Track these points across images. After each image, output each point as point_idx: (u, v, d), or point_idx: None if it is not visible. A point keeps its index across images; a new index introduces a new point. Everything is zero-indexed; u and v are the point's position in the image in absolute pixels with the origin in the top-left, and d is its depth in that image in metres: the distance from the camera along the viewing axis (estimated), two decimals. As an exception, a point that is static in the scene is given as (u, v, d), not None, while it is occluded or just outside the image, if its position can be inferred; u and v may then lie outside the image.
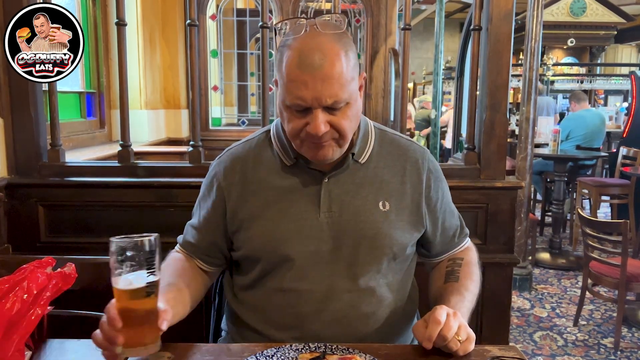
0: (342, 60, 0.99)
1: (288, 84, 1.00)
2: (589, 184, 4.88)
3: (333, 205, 1.10)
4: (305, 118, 1.01)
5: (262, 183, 1.13)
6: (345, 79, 1.00)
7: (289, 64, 0.99)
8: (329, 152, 1.05)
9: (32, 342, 0.97)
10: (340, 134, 1.03)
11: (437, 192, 1.19)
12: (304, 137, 1.03)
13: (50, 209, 1.80)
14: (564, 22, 9.64)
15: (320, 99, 0.98)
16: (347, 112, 1.02)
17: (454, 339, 0.93)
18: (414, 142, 1.22)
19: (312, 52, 0.98)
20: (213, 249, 1.19)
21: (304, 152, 1.06)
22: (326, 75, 0.97)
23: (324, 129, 1.00)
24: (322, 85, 0.97)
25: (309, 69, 0.97)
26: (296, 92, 0.98)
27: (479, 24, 1.84)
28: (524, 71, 3.65)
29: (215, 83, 4.66)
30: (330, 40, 1.00)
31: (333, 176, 1.12)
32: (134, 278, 0.86)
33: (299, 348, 0.95)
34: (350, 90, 1.01)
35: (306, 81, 0.97)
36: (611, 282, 2.97)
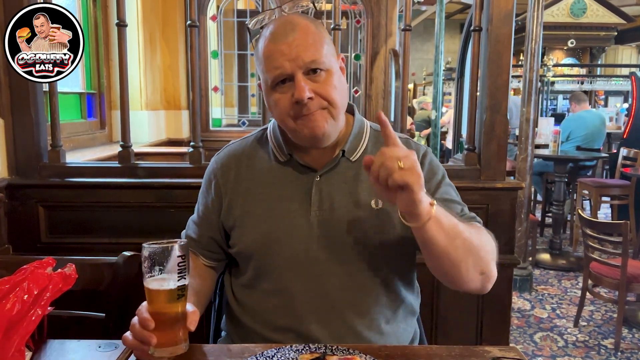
0: (313, 29, 1.04)
1: (266, 61, 1.03)
2: (589, 184, 4.88)
3: (324, 204, 1.10)
4: (290, 91, 1.02)
5: (255, 180, 1.15)
6: (319, 43, 1.03)
7: (264, 44, 1.04)
8: (323, 124, 1.04)
9: (32, 342, 0.97)
10: (329, 101, 1.04)
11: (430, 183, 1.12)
12: (294, 113, 1.03)
13: (50, 209, 1.80)
14: (564, 23, 9.65)
15: (297, 60, 1.00)
16: (330, 80, 1.04)
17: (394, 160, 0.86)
18: (413, 141, 1.20)
19: (283, 26, 1.03)
20: (213, 244, 1.20)
21: (299, 132, 1.05)
22: (300, 40, 1.01)
23: (307, 93, 1.00)
24: (297, 49, 1.00)
25: (281, 38, 1.01)
26: (274, 63, 1.01)
27: (479, 24, 1.84)
28: (524, 72, 3.66)
29: (215, 84, 4.65)
30: (298, 16, 1.07)
31: (325, 174, 1.12)
32: (165, 282, 0.90)
33: (299, 349, 0.95)
34: (327, 57, 1.04)
35: (281, 50, 1.01)
36: (611, 283, 2.96)
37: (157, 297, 0.90)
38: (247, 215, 1.13)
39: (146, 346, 0.89)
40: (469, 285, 1.04)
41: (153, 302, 0.91)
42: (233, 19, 4.81)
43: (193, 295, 1.04)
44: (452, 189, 1.17)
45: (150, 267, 0.90)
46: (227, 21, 4.71)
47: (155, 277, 0.90)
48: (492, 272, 1.06)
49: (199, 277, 1.16)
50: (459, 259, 0.99)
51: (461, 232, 0.98)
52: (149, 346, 0.89)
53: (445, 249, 0.96)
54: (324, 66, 1.03)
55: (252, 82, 5.25)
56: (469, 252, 1.00)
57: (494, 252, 1.07)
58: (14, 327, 0.90)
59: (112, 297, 1.26)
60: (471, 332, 1.86)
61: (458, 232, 0.97)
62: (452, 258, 0.98)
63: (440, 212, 0.94)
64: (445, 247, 0.96)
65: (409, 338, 1.19)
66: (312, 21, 1.06)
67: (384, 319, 1.13)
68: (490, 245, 1.06)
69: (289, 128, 1.07)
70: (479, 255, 1.02)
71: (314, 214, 1.10)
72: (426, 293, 1.24)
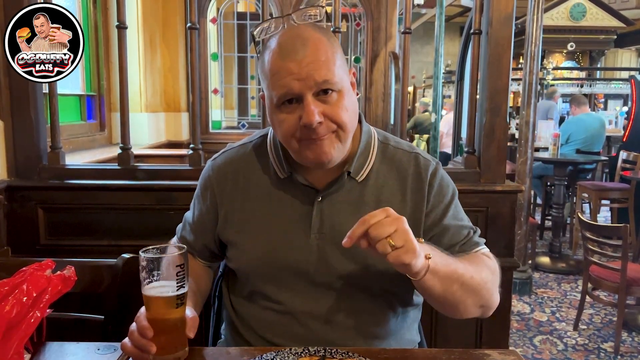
0: (325, 44, 0.95)
1: (272, 77, 0.94)
2: (589, 187, 4.88)
3: (324, 227, 1.04)
4: (296, 112, 0.95)
5: (252, 193, 1.09)
6: (332, 61, 0.94)
7: (271, 59, 0.95)
8: (330, 150, 0.97)
9: (31, 345, 0.97)
10: (338, 125, 0.96)
11: (439, 207, 1.08)
12: (300, 136, 0.96)
13: (50, 211, 1.80)
14: (563, 26, 9.67)
15: (307, 80, 0.92)
16: (340, 102, 0.96)
17: (383, 241, 0.83)
18: (420, 153, 1.12)
19: (292, 40, 0.94)
20: (206, 251, 1.18)
21: (303, 156, 0.99)
22: (310, 58, 0.92)
23: (317, 117, 0.93)
24: (307, 69, 0.92)
25: (290, 56, 0.92)
26: (282, 81, 0.93)
27: (479, 27, 1.84)
28: (524, 75, 3.66)
29: (215, 86, 4.66)
30: (310, 28, 0.97)
31: (327, 195, 1.05)
32: (164, 290, 0.88)
33: (299, 352, 0.95)
34: (339, 75, 0.95)
35: (290, 69, 0.92)
36: (611, 286, 2.96)
37: (156, 305, 0.89)
38: (244, 233, 1.08)
39: (145, 354, 0.88)
40: (468, 316, 1.05)
41: (151, 309, 0.90)
42: (233, 21, 4.82)
43: (190, 295, 1.02)
44: (460, 210, 1.13)
45: (148, 275, 0.88)
46: (227, 24, 4.72)
47: (154, 285, 0.89)
48: (493, 303, 1.07)
49: (196, 277, 1.14)
50: (457, 301, 0.99)
51: (460, 277, 0.97)
52: (148, 354, 0.88)
53: (443, 294, 0.96)
54: (335, 87, 0.95)
55: (251, 85, 5.25)
56: (468, 293, 0.99)
57: (495, 283, 1.06)
58: (12, 329, 0.90)
59: (111, 300, 1.26)
60: (471, 336, 1.85)
61: (457, 277, 0.96)
62: (450, 301, 0.99)
63: (437, 262, 0.92)
64: (442, 293, 0.96)
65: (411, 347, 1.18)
66: (324, 34, 0.97)
67: (387, 337, 1.10)
68: (491, 279, 1.05)
69: (293, 150, 1.00)
70: (479, 294, 1.02)
71: (314, 236, 1.05)
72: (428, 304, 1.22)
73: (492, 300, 1.05)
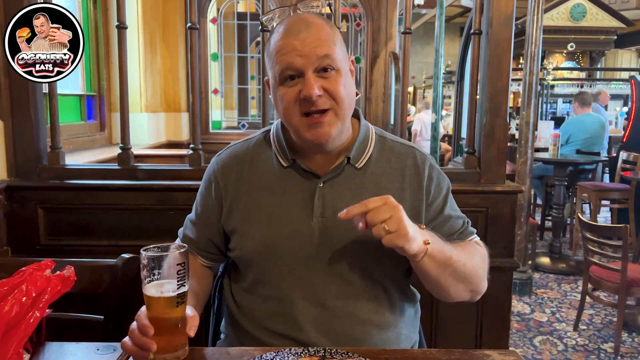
0: (327, 28, 1.03)
1: (277, 54, 1.02)
2: (589, 188, 4.88)
3: (326, 211, 1.08)
4: (297, 86, 1.01)
5: (257, 184, 1.13)
6: (333, 42, 1.02)
7: (277, 39, 1.03)
8: (329, 130, 1.03)
9: (30, 345, 0.97)
10: (336, 100, 1.02)
11: (437, 199, 1.15)
12: (300, 110, 1.02)
13: (49, 211, 1.80)
14: (564, 26, 9.68)
15: (309, 56, 0.99)
16: (339, 79, 1.02)
17: (378, 226, 0.91)
18: (416, 148, 1.19)
19: (298, 23, 1.03)
20: (211, 246, 1.20)
21: (303, 133, 1.04)
22: (314, 37, 1.00)
23: (317, 90, 0.99)
24: (310, 46, 1.00)
25: (295, 35, 1.01)
26: (285, 57, 1.00)
27: (479, 28, 1.84)
28: (524, 75, 3.66)
29: (215, 86, 4.66)
30: (314, 15, 1.06)
31: (328, 181, 1.10)
32: (164, 289, 0.89)
33: (298, 352, 0.95)
34: (339, 56, 1.03)
35: (293, 45, 1.00)
36: (611, 287, 2.96)
37: (156, 303, 0.89)
38: (248, 220, 1.11)
39: (146, 352, 0.88)
40: (457, 299, 1.12)
41: (152, 308, 0.90)
42: (233, 21, 4.82)
43: (191, 296, 1.03)
44: (454, 201, 1.20)
45: (148, 273, 0.89)
46: (227, 24, 4.72)
47: (154, 283, 0.89)
48: (482, 288, 1.13)
49: (197, 278, 1.15)
50: (448, 285, 1.07)
51: (454, 263, 1.04)
52: (149, 352, 0.88)
53: (437, 278, 1.04)
54: (334, 64, 1.02)
55: (252, 85, 5.26)
56: (460, 279, 1.07)
57: (485, 270, 1.13)
58: (12, 329, 0.90)
59: (111, 300, 1.26)
60: (471, 336, 1.85)
61: (451, 263, 1.03)
62: (443, 285, 1.06)
63: (434, 247, 0.99)
64: (437, 277, 1.04)
65: (410, 343, 1.19)
66: (326, 21, 1.06)
67: (384, 328, 1.12)
68: (482, 266, 1.12)
69: (293, 125, 1.05)
70: (470, 280, 1.09)
71: (316, 220, 1.08)
72: (426, 296, 1.23)
73: (481, 286, 1.12)
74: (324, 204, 1.09)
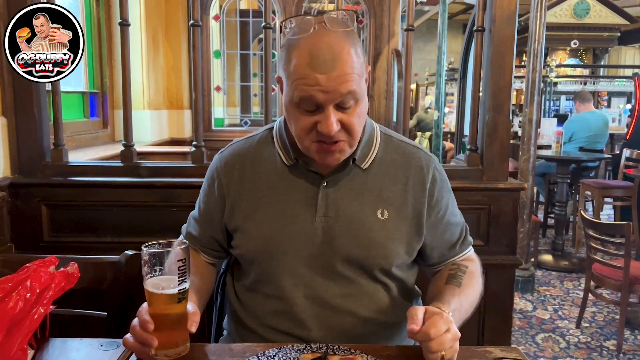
0: (352, 57, 0.97)
1: (298, 82, 0.96)
2: (592, 185, 4.87)
3: (329, 210, 1.08)
4: (315, 116, 0.98)
5: (260, 182, 1.12)
6: (357, 74, 0.97)
7: (299, 64, 0.96)
8: (339, 157, 1.03)
9: (34, 341, 0.97)
10: (350, 133, 1.00)
11: (441, 203, 1.14)
12: (314, 138, 1.00)
13: (53, 208, 1.81)
14: (567, 23, 9.63)
15: (333, 93, 0.95)
16: (356, 110, 1.00)
17: (437, 354, 0.89)
18: (421, 148, 1.18)
19: (323, 51, 0.95)
20: (214, 243, 1.20)
21: (312, 154, 1.03)
22: (338, 73, 0.95)
23: (336, 127, 0.97)
24: (334, 83, 0.95)
25: (320, 68, 0.94)
26: (308, 90, 0.95)
27: (482, 25, 1.84)
28: (527, 73, 3.65)
29: (218, 83, 4.66)
30: (339, 37, 0.97)
31: (332, 180, 1.09)
32: (165, 285, 0.89)
33: (301, 348, 0.95)
34: (360, 87, 0.99)
35: (318, 80, 0.94)
36: (614, 285, 2.96)
37: (157, 300, 0.90)
38: (251, 219, 1.11)
39: (147, 348, 0.89)
40: None
41: (153, 304, 0.90)
42: (236, 18, 4.82)
43: (194, 293, 1.04)
44: (455, 202, 1.21)
45: (150, 269, 0.90)
46: (230, 21, 4.72)
47: (155, 280, 0.90)
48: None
49: (200, 275, 1.15)
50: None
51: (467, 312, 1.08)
52: (150, 348, 0.89)
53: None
54: (355, 98, 0.98)
55: (254, 82, 5.25)
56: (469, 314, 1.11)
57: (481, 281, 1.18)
58: (16, 325, 0.90)
59: (114, 296, 1.26)
60: (473, 333, 1.85)
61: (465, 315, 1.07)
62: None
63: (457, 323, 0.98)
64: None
65: (411, 343, 1.19)
66: (352, 42, 0.98)
67: (386, 327, 1.13)
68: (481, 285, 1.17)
69: (303, 145, 1.04)
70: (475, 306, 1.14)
71: (319, 220, 1.08)
72: (425, 291, 1.23)
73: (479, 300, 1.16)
74: (327, 204, 1.08)
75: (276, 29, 4.54)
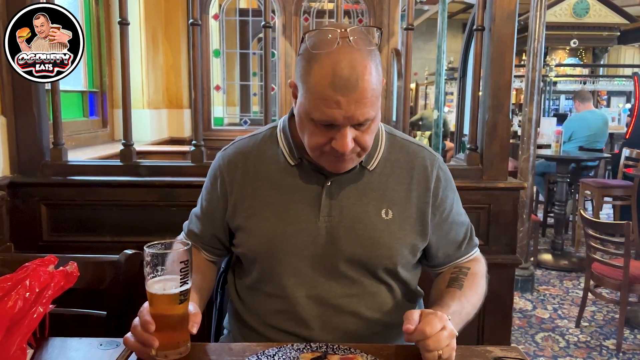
0: (373, 78, 0.96)
1: (318, 100, 0.95)
2: (592, 185, 4.87)
3: (333, 210, 1.08)
4: (330, 132, 0.97)
5: (264, 181, 1.11)
6: (376, 95, 0.97)
7: (321, 82, 0.94)
8: (348, 166, 1.04)
9: (34, 340, 0.97)
10: (363, 149, 1.02)
11: (445, 202, 1.14)
12: (326, 151, 1.00)
13: (52, 207, 1.81)
14: (566, 23, 9.62)
15: (352, 118, 0.95)
16: (371, 127, 1.01)
17: (434, 353, 0.89)
18: (425, 147, 1.18)
19: (345, 71, 0.93)
20: (215, 241, 1.19)
21: (323, 163, 1.04)
22: (360, 95, 0.94)
23: (351, 145, 0.97)
24: (355, 106, 0.94)
25: (342, 91, 0.93)
26: (328, 110, 0.94)
27: (482, 24, 1.84)
28: (527, 72, 3.65)
29: (217, 83, 4.66)
30: (363, 57, 0.95)
31: (336, 180, 1.09)
32: (167, 286, 0.89)
33: (301, 348, 0.95)
34: (377, 106, 0.99)
35: (339, 101, 0.93)
36: (613, 284, 2.96)
37: (159, 300, 0.90)
38: (254, 218, 1.10)
39: (148, 348, 0.89)
40: None
41: (154, 305, 0.90)
42: (235, 18, 4.82)
43: (195, 292, 1.03)
44: (459, 202, 1.21)
45: (152, 270, 0.89)
46: (230, 20, 4.72)
47: (157, 280, 0.89)
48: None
49: (201, 273, 1.15)
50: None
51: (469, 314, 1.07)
52: (151, 348, 0.89)
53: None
54: (371, 119, 0.99)
55: (253, 82, 5.25)
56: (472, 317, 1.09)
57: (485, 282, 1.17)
58: (15, 324, 0.90)
59: (113, 296, 1.26)
60: (472, 332, 1.85)
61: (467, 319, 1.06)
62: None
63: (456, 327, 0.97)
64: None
65: None
66: (373, 61, 0.97)
67: (389, 327, 1.12)
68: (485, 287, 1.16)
69: (313, 156, 1.04)
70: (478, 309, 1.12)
71: (323, 219, 1.08)
72: (428, 292, 1.23)
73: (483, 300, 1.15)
74: (331, 204, 1.08)
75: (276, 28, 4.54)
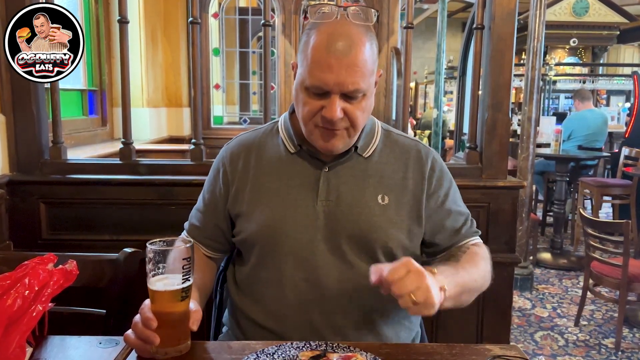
0: (367, 50, 1.01)
1: (312, 64, 1.00)
2: (591, 184, 4.87)
3: (331, 195, 1.11)
4: (321, 101, 1.02)
5: (264, 169, 1.15)
6: (368, 69, 1.01)
7: (316, 46, 1.00)
8: (339, 143, 1.07)
9: (33, 338, 0.97)
10: (353, 124, 1.05)
11: (440, 190, 1.17)
12: (317, 122, 1.04)
13: (51, 206, 1.81)
14: (566, 22, 9.62)
15: (342, 84, 0.99)
16: (362, 103, 1.04)
17: (405, 298, 0.88)
18: (420, 142, 1.22)
19: (341, 38, 0.99)
20: (217, 233, 1.21)
21: (314, 139, 1.07)
22: (352, 62, 0.98)
23: (339, 114, 1.01)
24: (346, 72, 0.98)
25: (335, 53, 0.98)
26: (320, 74, 0.99)
27: (481, 23, 1.84)
28: (526, 71, 3.65)
29: (217, 81, 4.66)
30: (359, 30, 1.02)
31: (334, 166, 1.13)
32: (169, 283, 0.89)
33: (300, 346, 0.95)
34: (370, 81, 1.03)
35: (331, 65, 0.98)
36: (612, 283, 2.96)
37: (161, 297, 0.90)
38: (254, 203, 1.13)
39: (148, 345, 0.89)
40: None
41: (156, 302, 0.90)
42: (235, 16, 4.82)
43: (195, 290, 1.03)
44: (457, 195, 1.22)
45: (154, 267, 0.89)
46: (229, 19, 4.71)
47: (159, 277, 0.89)
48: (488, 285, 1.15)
49: (201, 270, 1.15)
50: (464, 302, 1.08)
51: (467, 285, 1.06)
52: (152, 345, 0.89)
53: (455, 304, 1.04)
54: (363, 91, 1.02)
55: (253, 80, 5.25)
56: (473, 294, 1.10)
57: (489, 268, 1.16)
58: (14, 323, 0.90)
59: (113, 294, 1.26)
60: (472, 331, 1.86)
61: (465, 288, 1.05)
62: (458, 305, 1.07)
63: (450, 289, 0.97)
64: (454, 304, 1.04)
65: (410, 337, 1.19)
66: (369, 38, 1.03)
67: (384, 314, 1.13)
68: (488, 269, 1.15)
69: (307, 129, 1.08)
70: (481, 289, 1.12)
71: (321, 204, 1.10)
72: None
73: (487, 285, 1.15)
74: (329, 188, 1.11)
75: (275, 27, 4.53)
